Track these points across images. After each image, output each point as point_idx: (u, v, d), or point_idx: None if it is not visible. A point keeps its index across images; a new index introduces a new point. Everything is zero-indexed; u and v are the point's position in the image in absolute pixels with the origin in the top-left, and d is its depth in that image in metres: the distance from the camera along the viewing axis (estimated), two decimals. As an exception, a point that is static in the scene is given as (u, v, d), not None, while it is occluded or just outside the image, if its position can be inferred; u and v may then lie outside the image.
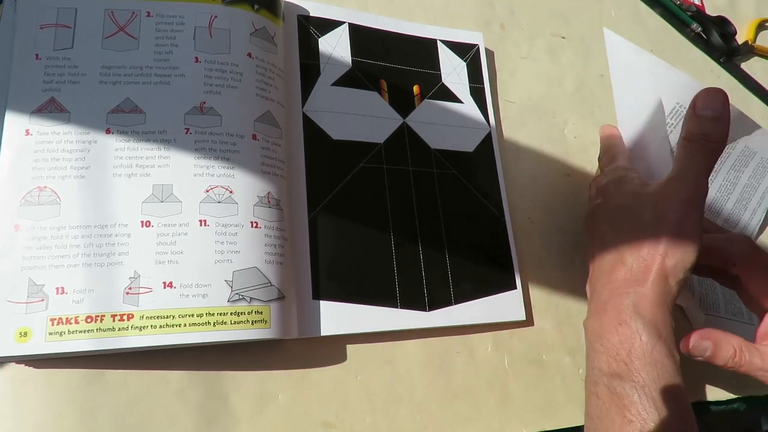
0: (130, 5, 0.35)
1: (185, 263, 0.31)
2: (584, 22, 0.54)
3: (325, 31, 0.42)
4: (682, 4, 0.60)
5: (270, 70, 0.37)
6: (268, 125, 0.36)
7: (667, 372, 0.30)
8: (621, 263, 0.33)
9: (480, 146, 0.44)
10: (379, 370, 0.36)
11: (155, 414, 0.31)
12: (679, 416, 0.29)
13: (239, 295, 0.31)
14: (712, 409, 0.42)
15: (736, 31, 0.60)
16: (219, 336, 0.31)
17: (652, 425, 0.28)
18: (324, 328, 0.34)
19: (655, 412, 0.29)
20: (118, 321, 0.29)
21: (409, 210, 0.39)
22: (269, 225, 0.34)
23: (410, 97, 0.43)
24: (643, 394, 0.29)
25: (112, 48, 0.34)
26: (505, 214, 0.42)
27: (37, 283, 0.29)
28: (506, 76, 0.48)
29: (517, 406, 0.38)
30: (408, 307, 0.37)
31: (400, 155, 0.40)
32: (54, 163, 0.31)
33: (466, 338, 0.38)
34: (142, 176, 0.32)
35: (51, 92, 0.33)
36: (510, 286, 0.40)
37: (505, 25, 0.50)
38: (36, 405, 0.29)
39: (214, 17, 0.36)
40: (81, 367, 0.30)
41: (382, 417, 0.35)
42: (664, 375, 0.30)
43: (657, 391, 0.29)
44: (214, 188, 0.33)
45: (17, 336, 0.28)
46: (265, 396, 0.33)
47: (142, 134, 0.33)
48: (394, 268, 0.37)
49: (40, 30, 0.33)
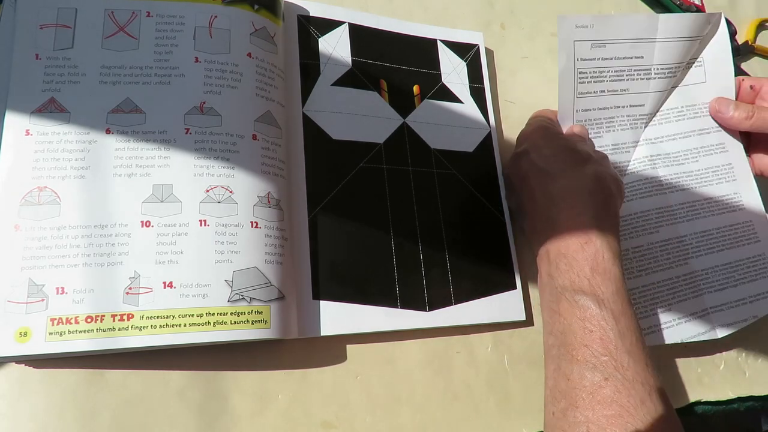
0: (130, 5, 0.35)
1: (185, 263, 0.31)
2: (584, 22, 0.54)
3: (325, 31, 0.42)
4: (682, 4, 0.60)
5: (270, 70, 0.37)
6: (268, 125, 0.36)
7: (622, 287, 0.33)
8: (573, 192, 0.36)
9: (480, 146, 0.44)
10: (379, 370, 0.36)
11: (155, 414, 0.31)
12: (633, 326, 0.32)
13: (239, 295, 0.31)
14: (712, 409, 0.42)
15: (736, 31, 0.60)
16: (219, 336, 0.31)
17: (611, 333, 0.31)
18: (324, 328, 0.34)
19: (613, 322, 0.31)
20: (118, 321, 0.29)
21: (409, 210, 0.39)
22: (269, 225, 0.34)
23: (410, 97, 0.43)
24: (603, 307, 0.32)
25: (112, 48, 0.34)
26: (505, 214, 0.42)
27: (37, 283, 0.29)
28: (506, 76, 0.48)
29: (517, 406, 0.38)
30: (408, 307, 0.37)
31: (400, 155, 0.41)
32: (54, 163, 0.31)
33: (466, 338, 0.38)
34: (142, 176, 0.32)
35: (51, 92, 0.33)
36: (510, 286, 0.40)
37: (505, 25, 0.50)
38: (36, 405, 0.29)
39: (214, 17, 0.36)
40: (81, 367, 0.30)
41: (382, 417, 0.35)
42: (621, 289, 0.33)
43: (615, 303, 0.32)
44: (214, 188, 0.33)
45: (17, 336, 0.28)
46: (265, 396, 0.33)
47: (142, 134, 0.33)
48: (394, 268, 0.37)
49: (40, 30, 0.33)
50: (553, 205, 0.36)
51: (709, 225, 0.45)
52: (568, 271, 0.34)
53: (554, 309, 0.34)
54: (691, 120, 0.47)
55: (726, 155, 0.46)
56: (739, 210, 0.46)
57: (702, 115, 0.47)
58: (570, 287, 0.33)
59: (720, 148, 0.46)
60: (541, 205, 0.37)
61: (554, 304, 0.34)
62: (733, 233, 0.45)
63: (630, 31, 0.43)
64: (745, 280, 0.44)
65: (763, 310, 0.44)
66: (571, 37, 0.41)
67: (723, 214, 0.45)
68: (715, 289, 0.43)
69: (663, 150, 0.46)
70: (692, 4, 0.60)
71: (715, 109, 0.46)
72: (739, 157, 0.46)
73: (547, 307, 0.35)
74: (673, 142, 0.46)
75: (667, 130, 0.47)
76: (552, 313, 0.34)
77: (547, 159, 0.38)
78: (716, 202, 0.45)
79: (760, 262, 0.45)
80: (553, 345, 0.33)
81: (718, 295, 0.43)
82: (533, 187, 0.38)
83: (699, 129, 0.47)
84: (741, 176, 0.46)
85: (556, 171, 0.37)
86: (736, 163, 0.46)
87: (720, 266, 0.44)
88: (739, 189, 0.46)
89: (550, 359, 0.33)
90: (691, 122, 0.47)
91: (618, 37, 0.43)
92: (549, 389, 0.33)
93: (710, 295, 0.43)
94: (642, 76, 0.45)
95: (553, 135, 0.40)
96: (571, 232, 0.35)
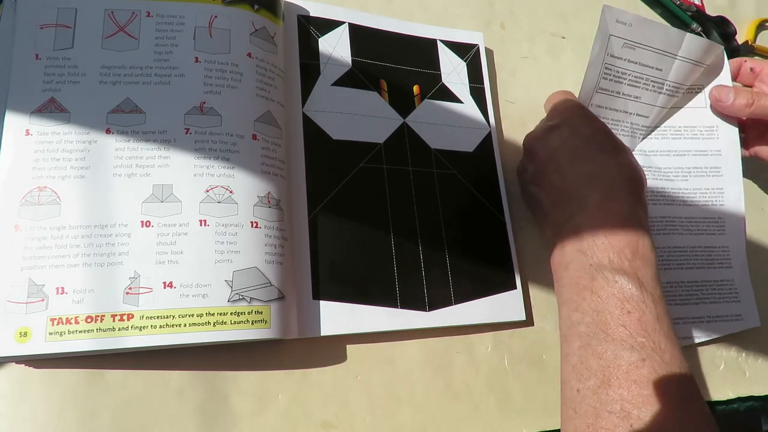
0: (130, 5, 0.35)
1: (185, 263, 0.31)
2: (584, 22, 0.54)
3: (325, 31, 0.42)
4: (682, 4, 0.60)
5: (270, 70, 0.37)
6: (268, 125, 0.36)
7: (658, 274, 0.33)
8: (605, 173, 0.36)
9: (480, 146, 0.44)
10: (379, 370, 0.36)
11: (155, 414, 0.31)
12: (667, 313, 0.32)
13: (239, 295, 0.31)
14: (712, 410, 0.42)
15: (736, 31, 0.59)
16: (219, 336, 0.31)
17: (649, 316, 0.31)
18: (324, 328, 0.34)
19: (652, 305, 0.31)
20: (118, 321, 0.29)
21: (409, 210, 0.39)
22: (269, 225, 0.34)
23: (410, 97, 0.43)
24: (643, 290, 0.32)
25: (112, 48, 0.34)
26: (505, 214, 0.42)
27: (37, 283, 0.29)
28: (506, 76, 0.48)
29: (517, 406, 0.38)
30: (408, 307, 0.37)
31: (400, 155, 0.40)
32: (54, 163, 0.31)
33: (466, 338, 0.38)
34: (142, 176, 0.32)
35: (51, 92, 0.33)
36: (510, 286, 0.40)
37: (505, 25, 0.50)
38: (36, 405, 0.29)
39: (214, 17, 0.36)
40: (81, 367, 0.30)
41: (382, 417, 0.35)
42: (657, 276, 0.33)
43: (654, 288, 0.32)
44: (214, 188, 0.33)
45: (17, 336, 0.28)
46: (265, 396, 0.33)
47: (142, 134, 0.33)
48: (394, 268, 0.37)
49: (40, 30, 0.33)
50: (587, 185, 0.36)
51: (685, 243, 0.45)
52: (608, 250, 0.33)
53: (584, 285, 0.33)
54: (689, 140, 0.47)
55: (719, 179, 0.46)
56: (719, 235, 0.46)
57: (701, 137, 0.46)
58: (609, 266, 0.33)
59: (714, 172, 0.46)
60: (571, 182, 0.37)
61: (585, 281, 0.33)
62: (707, 255, 0.45)
63: (660, 41, 0.42)
64: (707, 301, 0.44)
65: (716, 332, 0.43)
66: (609, 31, 0.41)
67: (701, 235, 0.45)
68: (676, 303, 0.43)
69: (654, 163, 0.46)
70: (692, 3, 0.60)
71: (715, 97, 0.46)
72: (733, 184, 0.46)
73: (573, 282, 0.34)
74: (666, 158, 0.46)
75: (663, 145, 0.47)
76: (580, 289, 0.33)
77: (584, 138, 0.38)
78: (697, 223, 0.45)
79: (727, 287, 0.45)
80: (580, 322, 0.33)
81: (677, 308, 0.43)
82: (562, 163, 0.37)
83: (696, 150, 0.46)
84: (730, 202, 0.46)
85: (592, 152, 0.37)
86: (729, 189, 0.46)
87: (686, 282, 0.44)
88: (724, 215, 0.46)
89: (576, 336, 0.33)
90: (688, 142, 0.47)
91: (648, 44, 0.42)
92: (572, 366, 0.32)
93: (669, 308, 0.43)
94: (655, 88, 0.45)
95: (591, 116, 0.40)
96: (610, 214, 0.34)
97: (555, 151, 0.38)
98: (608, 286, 0.32)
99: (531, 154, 0.41)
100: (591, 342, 0.31)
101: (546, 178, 0.39)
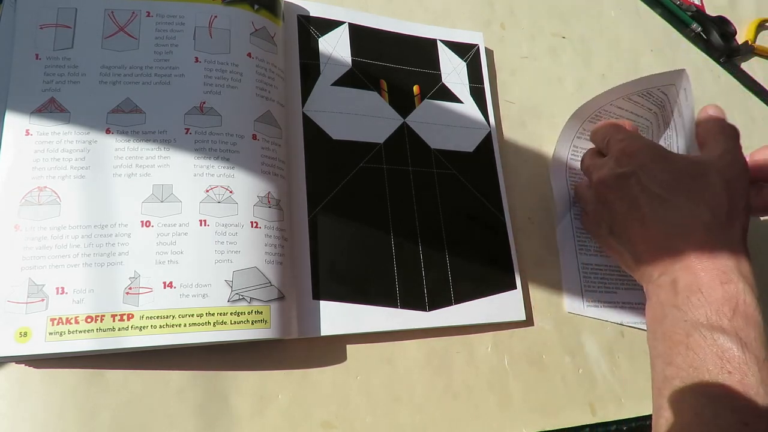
0: (130, 5, 0.35)
1: (185, 263, 0.31)
2: (584, 22, 0.54)
3: (325, 31, 0.42)
4: (682, 4, 0.60)
5: (270, 70, 0.37)
6: (268, 125, 0.36)
7: (764, 333, 0.31)
8: (704, 223, 0.34)
9: (480, 146, 0.44)
10: (379, 370, 0.36)
11: (155, 414, 0.31)
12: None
13: (239, 295, 0.31)
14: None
15: (736, 31, 0.60)
16: (219, 336, 0.31)
17: (753, 380, 0.29)
18: (324, 328, 0.34)
19: (755, 367, 0.29)
20: (118, 321, 0.29)
21: (409, 210, 0.39)
22: (269, 225, 0.34)
23: (410, 97, 0.43)
24: (745, 350, 0.30)
25: (112, 48, 0.34)
26: (505, 214, 0.42)
27: (37, 283, 0.29)
28: (506, 76, 0.48)
29: (517, 406, 0.38)
30: (408, 307, 0.37)
31: (400, 155, 0.41)
32: (54, 163, 0.31)
33: (466, 338, 0.38)
34: (142, 176, 0.32)
35: (51, 92, 0.33)
36: (510, 286, 0.40)
37: (505, 24, 0.50)
38: (36, 405, 0.29)
39: (214, 17, 0.36)
40: (81, 367, 0.30)
41: (382, 417, 0.35)
42: (763, 336, 0.31)
43: (758, 349, 0.30)
44: (214, 188, 0.33)
45: (17, 336, 0.28)
46: (265, 396, 0.33)
47: (142, 134, 0.33)
48: (394, 268, 0.37)
49: (40, 30, 0.33)
50: (677, 237, 0.34)
51: None
52: (704, 307, 0.31)
53: (680, 341, 0.31)
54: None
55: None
56: None
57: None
58: (707, 324, 0.31)
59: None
60: (658, 234, 0.35)
61: (680, 336, 0.32)
62: None
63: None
64: None
65: None
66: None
67: None
68: None
69: None
70: (692, 3, 0.60)
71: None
72: None
73: (668, 337, 0.32)
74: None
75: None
76: (675, 344, 0.32)
77: (663, 183, 0.35)
78: None
79: None
80: (675, 377, 0.31)
81: None
82: (645, 214, 0.35)
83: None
84: None
85: (678, 199, 0.35)
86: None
87: None
88: None
89: (670, 389, 0.31)
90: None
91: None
92: (665, 420, 0.31)
93: None
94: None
95: (667, 156, 0.37)
96: (707, 269, 0.32)
97: (635, 201, 0.36)
98: (707, 344, 0.30)
99: (607, 205, 0.38)
100: (686, 397, 0.30)
101: (629, 232, 0.37)
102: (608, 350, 0.42)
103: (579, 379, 0.40)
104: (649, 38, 0.57)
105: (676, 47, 0.58)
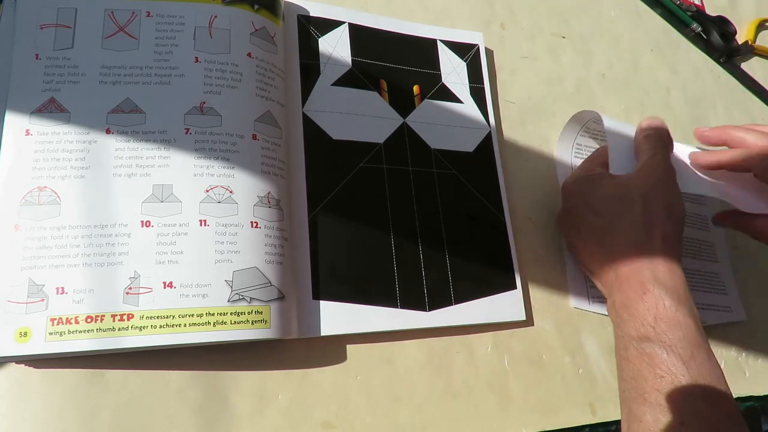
0: (130, 5, 0.35)
1: (185, 263, 0.31)
2: (584, 22, 0.54)
3: (325, 31, 0.42)
4: (682, 4, 0.60)
5: (270, 70, 0.37)
6: (268, 125, 0.36)
7: (691, 331, 0.33)
8: (627, 242, 0.36)
9: (480, 146, 0.44)
10: (379, 370, 0.36)
11: (155, 414, 0.31)
12: (705, 370, 0.32)
13: (239, 295, 0.31)
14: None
15: (736, 31, 0.60)
16: (219, 336, 0.31)
17: (682, 378, 0.31)
18: (324, 328, 0.34)
19: (683, 367, 0.31)
20: (118, 321, 0.29)
21: (409, 210, 0.39)
22: (269, 225, 0.34)
23: (410, 97, 0.43)
24: (671, 352, 0.32)
25: (112, 48, 0.34)
26: (505, 214, 0.42)
27: (37, 283, 0.29)
28: (506, 76, 0.48)
29: (517, 406, 0.38)
30: (408, 307, 0.37)
31: (400, 155, 0.40)
32: (54, 163, 0.31)
33: (466, 338, 0.38)
34: (142, 176, 0.32)
35: (51, 92, 0.33)
36: (510, 286, 0.40)
37: (505, 24, 0.50)
38: (36, 405, 0.29)
39: (214, 17, 0.36)
40: (81, 367, 0.30)
41: (382, 417, 0.35)
42: (689, 334, 0.33)
43: (683, 348, 0.32)
44: (214, 188, 0.33)
45: (17, 336, 0.28)
46: (265, 396, 0.33)
47: (142, 134, 0.33)
48: (394, 268, 0.37)
49: (40, 30, 0.33)
50: (609, 258, 0.37)
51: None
52: (632, 321, 0.34)
53: (623, 356, 0.34)
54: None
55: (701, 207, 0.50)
56: (704, 230, 0.49)
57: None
58: (636, 336, 0.34)
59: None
60: (600, 258, 0.38)
61: (623, 351, 0.34)
62: (695, 246, 0.48)
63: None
64: (698, 289, 0.46)
65: (707, 319, 0.45)
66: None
67: (690, 228, 0.47)
68: None
69: None
70: (692, 3, 0.60)
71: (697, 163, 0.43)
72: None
73: (618, 354, 0.35)
74: None
75: None
76: (621, 359, 0.35)
77: (596, 212, 0.38)
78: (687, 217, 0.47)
79: (715, 280, 0.47)
80: (625, 389, 0.34)
81: None
82: (588, 242, 0.39)
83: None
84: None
85: (608, 222, 0.38)
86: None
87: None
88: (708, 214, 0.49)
89: (623, 403, 0.34)
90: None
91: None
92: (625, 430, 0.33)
93: None
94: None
95: (600, 182, 0.40)
96: (631, 284, 0.35)
97: (579, 233, 0.40)
98: (639, 354, 0.33)
99: (565, 231, 0.43)
100: (632, 407, 0.32)
101: (581, 257, 0.41)
102: (608, 350, 0.42)
103: (579, 379, 0.40)
104: (649, 38, 0.57)
105: (676, 47, 0.58)
